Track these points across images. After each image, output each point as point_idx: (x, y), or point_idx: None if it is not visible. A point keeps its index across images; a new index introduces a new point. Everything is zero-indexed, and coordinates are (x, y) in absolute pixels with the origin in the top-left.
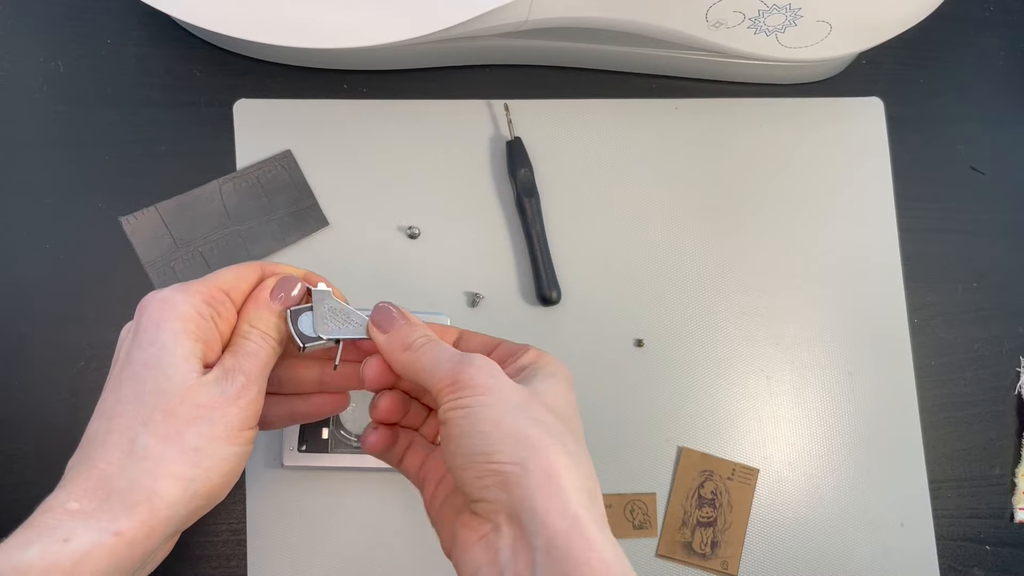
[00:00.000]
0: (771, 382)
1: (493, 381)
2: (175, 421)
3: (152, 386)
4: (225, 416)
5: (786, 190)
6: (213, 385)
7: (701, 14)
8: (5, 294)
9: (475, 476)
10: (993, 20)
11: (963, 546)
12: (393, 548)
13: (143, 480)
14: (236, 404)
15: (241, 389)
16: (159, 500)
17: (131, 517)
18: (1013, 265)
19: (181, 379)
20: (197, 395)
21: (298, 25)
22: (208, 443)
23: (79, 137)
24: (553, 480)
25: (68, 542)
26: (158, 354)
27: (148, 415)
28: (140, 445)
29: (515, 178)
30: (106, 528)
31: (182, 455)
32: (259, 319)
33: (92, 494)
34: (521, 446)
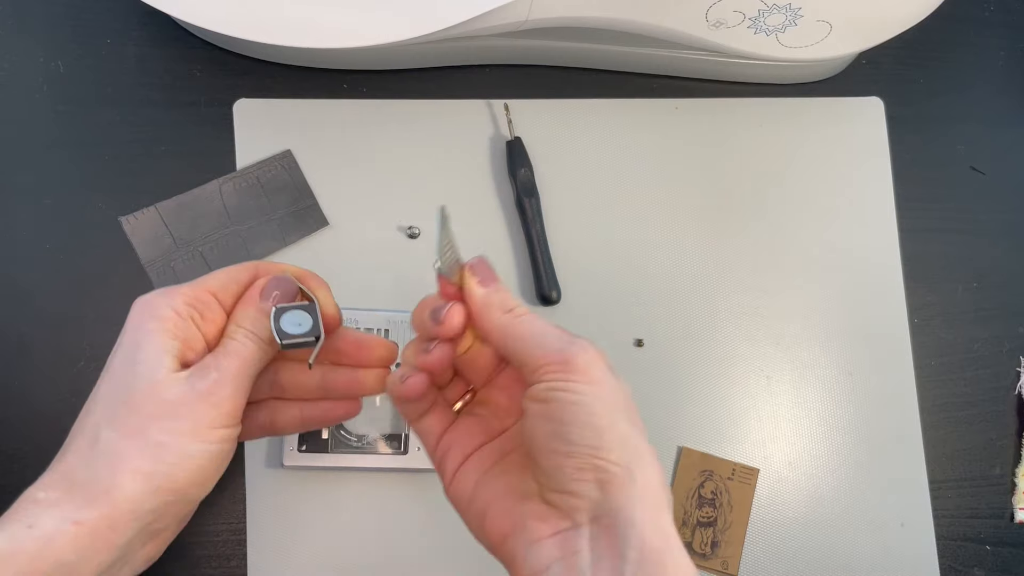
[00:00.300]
0: (771, 382)
1: (606, 375)
2: (139, 416)
3: (122, 383)
4: (193, 413)
5: (786, 190)
6: (183, 381)
7: (701, 14)
8: (5, 294)
9: (576, 467)
10: (993, 20)
11: (963, 546)
12: (393, 548)
13: (103, 473)
14: (206, 400)
15: (212, 385)
16: (119, 493)
17: (91, 508)
18: (1013, 265)
19: (149, 375)
20: (165, 390)
21: (298, 25)
22: (172, 439)
23: (79, 137)
24: (654, 494)
25: (32, 528)
26: (132, 352)
27: (114, 410)
28: (103, 439)
29: (515, 178)
30: (67, 517)
31: (142, 450)
32: (246, 318)
33: (57, 485)
34: (631, 451)
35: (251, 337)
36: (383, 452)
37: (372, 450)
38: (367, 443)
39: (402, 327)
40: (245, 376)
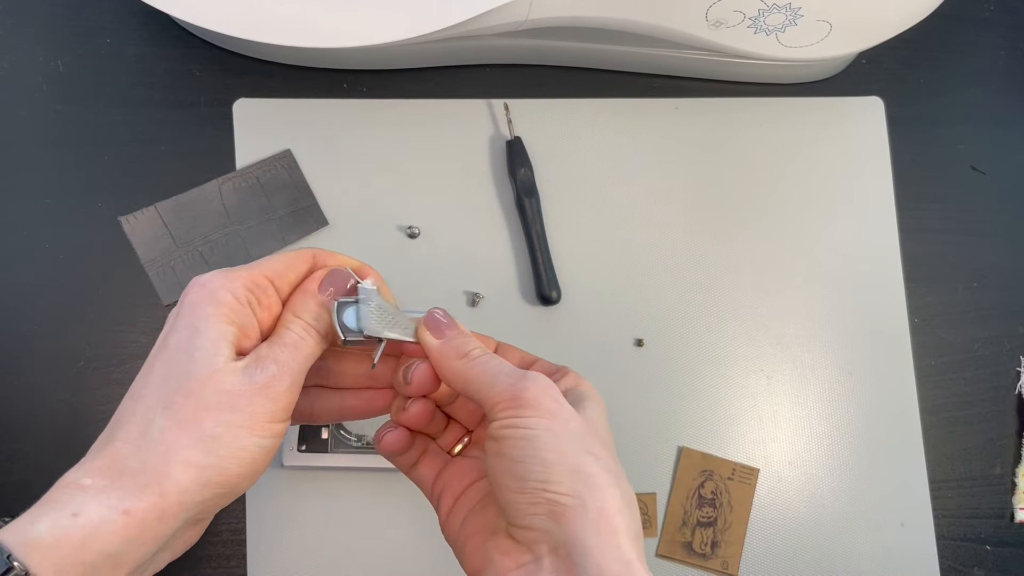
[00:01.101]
0: (771, 382)
1: (556, 406)
2: (195, 406)
3: (178, 369)
4: (250, 405)
5: (786, 190)
6: (241, 372)
7: (701, 14)
8: (5, 294)
9: (528, 502)
10: (993, 20)
11: (963, 546)
12: (393, 548)
13: (155, 463)
14: (264, 394)
15: (271, 378)
16: (170, 484)
17: (141, 498)
18: (1013, 265)
19: (207, 363)
20: (222, 381)
21: (298, 25)
22: (227, 431)
23: (79, 137)
24: (609, 521)
25: (77, 517)
26: (189, 337)
27: (169, 398)
28: (156, 427)
29: (515, 178)
30: (116, 506)
31: (197, 441)
32: (304, 310)
33: (105, 471)
34: (581, 480)
35: (309, 330)
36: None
37: (372, 450)
38: (367, 443)
39: None
40: (301, 370)
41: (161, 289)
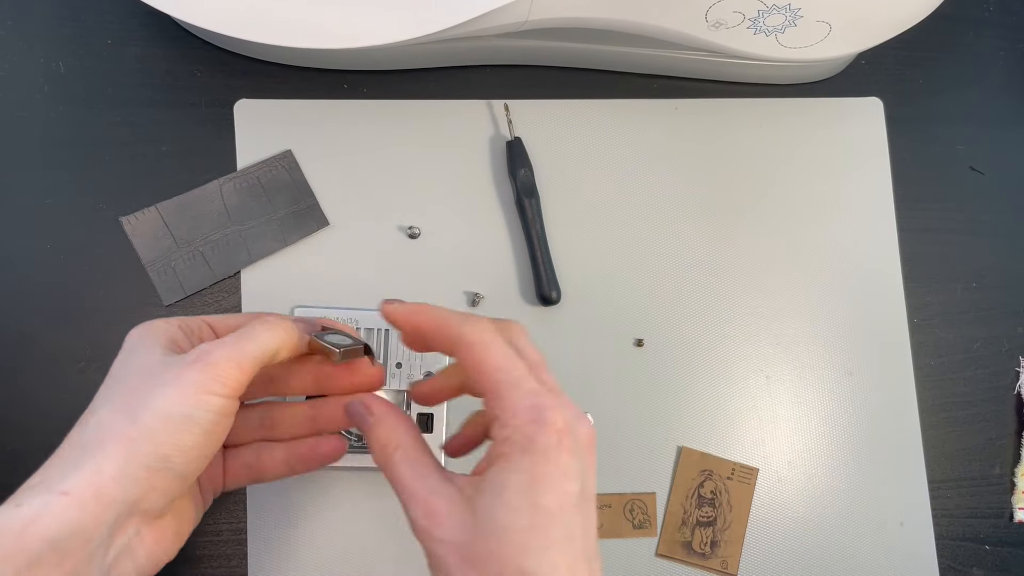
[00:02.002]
0: (771, 382)
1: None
2: (132, 395)
3: (114, 376)
4: (179, 378)
5: (786, 190)
6: (176, 357)
7: (701, 14)
8: (5, 294)
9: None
10: (993, 20)
11: (962, 546)
12: (393, 548)
13: (91, 445)
14: (193, 367)
15: (201, 353)
16: (104, 459)
17: (77, 476)
18: (1013, 265)
19: (140, 360)
20: (156, 368)
21: (298, 25)
22: (157, 403)
23: (80, 137)
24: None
25: (19, 507)
26: (124, 356)
27: (109, 396)
28: (95, 419)
29: (515, 178)
30: (54, 488)
31: (127, 417)
32: (266, 318)
33: (48, 467)
34: None
35: (260, 320)
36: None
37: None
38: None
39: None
40: (245, 352)
41: (162, 289)
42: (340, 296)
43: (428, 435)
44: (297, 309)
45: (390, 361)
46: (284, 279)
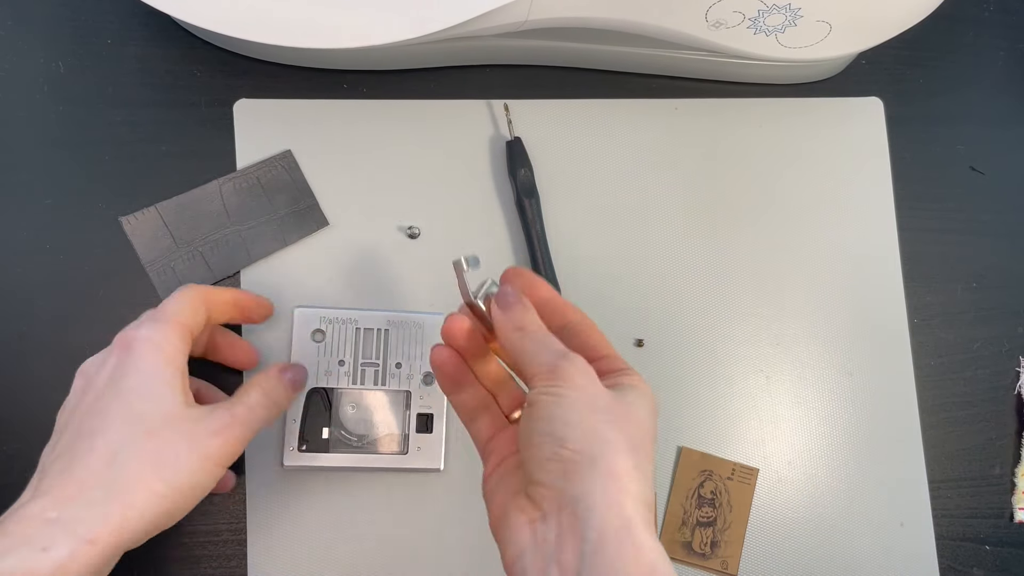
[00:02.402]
0: (771, 382)
1: (587, 382)
2: (157, 441)
3: (139, 409)
4: (204, 446)
5: (786, 190)
6: (199, 416)
7: (701, 14)
8: (5, 294)
9: (544, 457)
10: (993, 20)
11: (963, 546)
12: (394, 548)
13: (120, 491)
14: (217, 436)
15: (224, 426)
16: (132, 510)
17: (105, 525)
18: (1013, 265)
19: (168, 405)
20: (181, 421)
21: (298, 25)
22: (185, 466)
23: (79, 137)
24: (616, 481)
25: (47, 551)
26: (145, 382)
27: (132, 434)
28: (121, 459)
29: (515, 178)
30: (83, 536)
31: (158, 471)
32: (267, 381)
33: (70, 502)
34: (596, 442)
35: (264, 395)
36: (383, 452)
37: (372, 450)
38: (367, 443)
39: (402, 327)
40: (250, 429)
41: (162, 289)
42: (340, 296)
43: (428, 435)
44: (297, 309)
45: (390, 361)
46: (284, 279)
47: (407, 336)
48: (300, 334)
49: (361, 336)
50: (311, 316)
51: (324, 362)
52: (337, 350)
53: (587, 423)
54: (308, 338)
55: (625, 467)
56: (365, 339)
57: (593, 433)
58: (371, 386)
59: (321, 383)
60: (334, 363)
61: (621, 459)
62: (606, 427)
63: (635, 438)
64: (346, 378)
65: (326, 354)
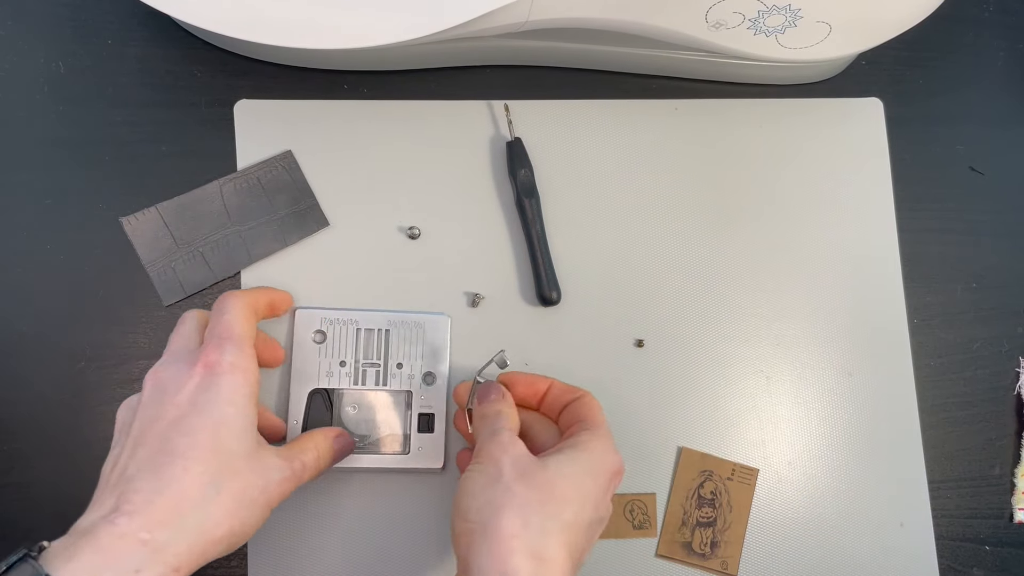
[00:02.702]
0: (771, 382)
1: (501, 454)
2: (241, 483)
3: (227, 442)
4: (271, 494)
5: (786, 190)
6: (270, 465)
7: (701, 15)
8: (5, 294)
9: (456, 533)
10: (993, 20)
11: (962, 546)
12: (393, 548)
13: (209, 525)
14: (280, 487)
15: (286, 479)
16: (212, 547)
17: (190, 556)
18: (1013, 265)
19: (249, 444)
20: (260, 467)
21: (298, 25)
22: (259, 510)
23: (80, 138)
24: (501, 542)
25: (138, 573)
26: (234, 415)
27: (222, 468)
28: (212, 492)
29: (515, 179)
30: (171, 564)
31: (236, 511)
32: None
33: (162, 527)
34: (488, 510)
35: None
36: (385, 452)
37: (374, 450)
38: (369, 443)
39: (401, 327)
40: (299, 484)
41: (162, 290)
42: (340, 296)
43: (429, 435)
44: (298, 310)
45: (391, 361)
46: (284, 279)
47: (408, 336)
48: (301, 335)
49: (362, 337)
50: (312, 317)
51: (325, 363)
52: (338, 351)
53: (485, 494)
54: (309, 339)
55: (510, 527)
56: (366, 340)
57: (488, 503)
58: (372, 387)
59: (322, 384)
60: (335, 364)
61: (507, 521)
62: (500, 494)
63: (534, 501)
64: (347, 379)
65: (327, 355)
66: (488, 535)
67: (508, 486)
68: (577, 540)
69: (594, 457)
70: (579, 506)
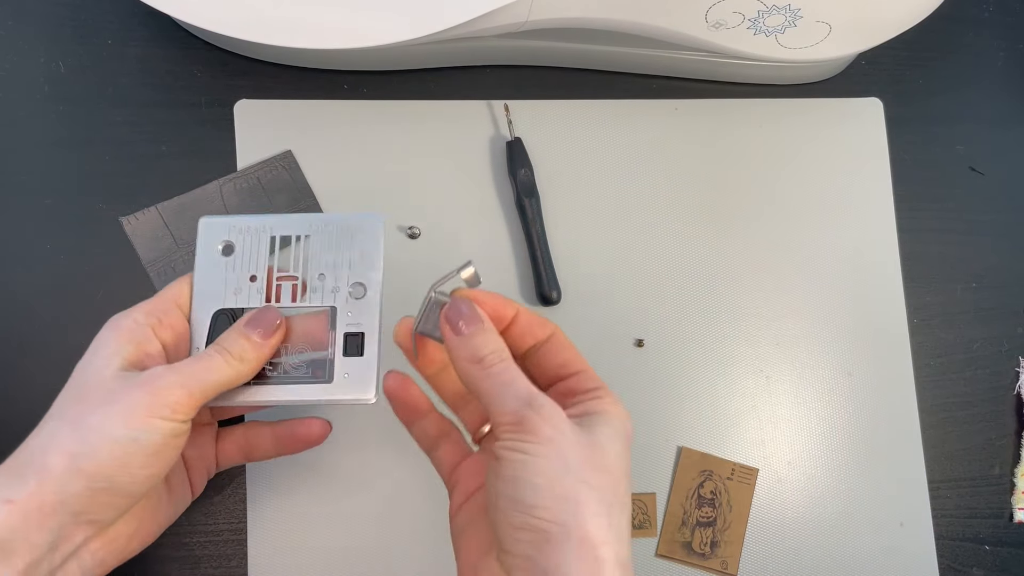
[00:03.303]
0: (771, 382)
1: (556, 434)
2: (82, 405)
3: (74, 382)
4: (127, 398)
5: (786, 190)
6: (130, 375)
7: (701, 15)
8: (5, 294)
9: (515, 526)
10: (993, 20)
11: (962, 546)
12: (393, 548)
13: (37, 455)
14: (142, 388)
15: (152, 376)
16: (46, 473)
17: (22, 487)
18: (1013, 265)
19: (98, 373)
20: (109, 383)
21: (298, 25)
22: (102, 421)
23: (79, 137)
24: (590, 550)
25: None
26: (88, 358)
27: (63, 404)
28: (46, 428)
29: (515, 178)
30: (3, 497)
31: (73, 432)
32: (225, 338)
33: (3, 468)
34: (568, 508)
35: (218, 349)
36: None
37: (290, 380)
38: (283, 371)
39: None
40: (197, 378)
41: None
42: None
43: (358, 358)
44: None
45: (311, 271)
46: None
47: (333, 242)
48: (206, 249)
49: (276, 245)
50: (219, 227)
51: (233, 279)
52: (248, 264)
53: (558, 487)
54: (215, 252)
55: (599, 531)
56: (281, 248)
57: (565, 498)
58: (288, 304)
59: (228, 304)
60: (244, 279)
61: (594, 523)
62: (578, 488)
63: (608, 490)
64: (258, 296)
65: (236, 269)
66: (573, 540)
67: (581, 476)
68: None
69: (620, 423)
70: (628, 484)
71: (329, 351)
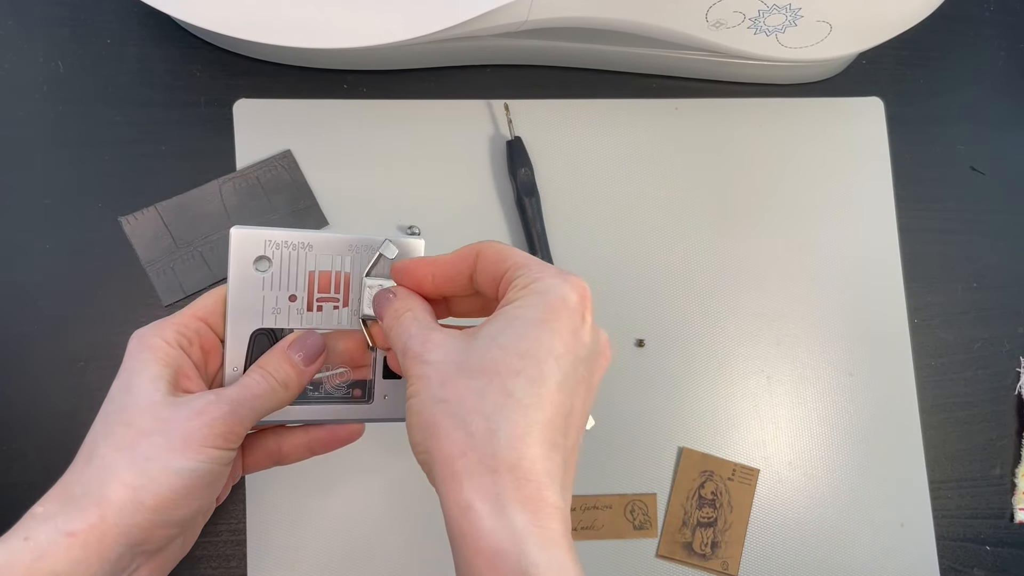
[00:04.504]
0: (771, 382)
1: (425, 368)
2: (133, 433)
3: (117, 404)
4: (184, 429)
5: (786, 190)
6: (179, 401)
7: (701, 14)
8: (5, 294)
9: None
10: (993, 20)
11: (963, 546)
12: (394, 548)
13: (95, 486)
14: (198, 419)
15: (206, 405)
16: (107, 506)
17: (82, 519)
18: (1013, 265)
19: (144, 396)
20: (159, 410)
21: (298, 25)
22: (160, 453)
23: (79, 137)
24: (447, 466)
25: (27, 540)
26: (127, 378)
27: (110, 429)
28: (98, 455)
29: (515, 178)
30: (60, 529)
31: (131, 463)
32: (269, 362)
33: (55, 499)
34: (429, 434)
35: (267, 376)
36: (344, 403)
37: (330, 400)
38: (324, 392)
39: (366, 252)
40: (247, 404)
41: (161, 289)
42: None
43: (397, 380)
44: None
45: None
46: None
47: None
48: (240, 262)
49: (315, 263)
50: (252, 240)
51: (271, 297)
52: (287, 283)
53: (422, 418)
54: (250, 267)
55: (454, 447)
56: (321, 268)
57: (425, 426)
58: (330, 325)
59: (267, 323)
60: (284, 298)
61: (447, 440)
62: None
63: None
64: (298, 316)
65: (273, 287)
66: (435, 466)
67: (435, 393)
68: (555, 415)
69: (534, 301)
70: (538, 369)
71: (370, 373)
